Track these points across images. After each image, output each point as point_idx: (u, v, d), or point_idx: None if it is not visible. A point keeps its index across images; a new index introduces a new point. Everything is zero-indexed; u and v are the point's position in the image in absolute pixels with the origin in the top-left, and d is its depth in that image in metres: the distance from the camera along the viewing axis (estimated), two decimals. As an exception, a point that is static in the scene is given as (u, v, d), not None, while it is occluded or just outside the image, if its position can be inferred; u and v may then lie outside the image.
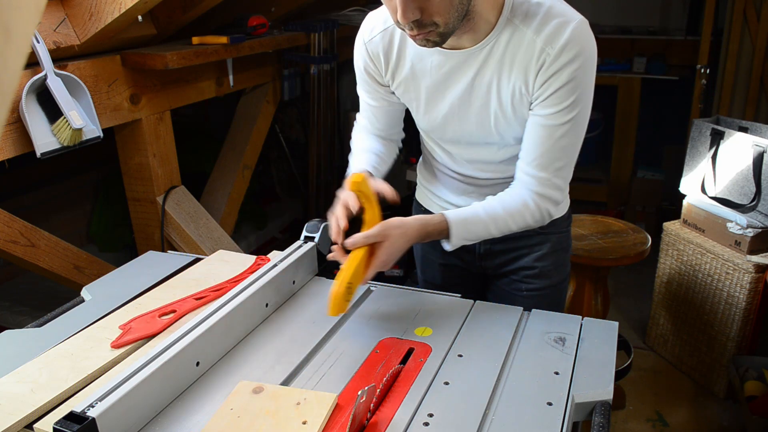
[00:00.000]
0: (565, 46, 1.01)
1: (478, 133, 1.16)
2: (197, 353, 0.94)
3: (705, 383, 2.38)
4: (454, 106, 1.14)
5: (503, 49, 1.05)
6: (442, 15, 0.96)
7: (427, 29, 0.97)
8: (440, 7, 0.95)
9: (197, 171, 2.91)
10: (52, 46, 1.66)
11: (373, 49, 1.16)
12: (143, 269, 1.32)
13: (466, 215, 1.12)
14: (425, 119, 1.20)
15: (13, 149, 1.59)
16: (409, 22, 0.95)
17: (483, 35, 1.05)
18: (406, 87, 1.18)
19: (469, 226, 1.11)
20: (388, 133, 1.33)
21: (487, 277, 1.40)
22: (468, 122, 1.15)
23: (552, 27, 1.01)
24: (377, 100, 1.26)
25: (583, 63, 1.02)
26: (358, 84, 1.26)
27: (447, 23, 0.97)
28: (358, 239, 1.04)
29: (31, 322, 1.13)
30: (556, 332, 1.05)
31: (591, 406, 0.89)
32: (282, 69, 2.75)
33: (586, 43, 1.02)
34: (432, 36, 0.99)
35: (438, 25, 0.97)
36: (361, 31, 1.19)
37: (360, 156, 1.28)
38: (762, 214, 2.13)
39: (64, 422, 0.76)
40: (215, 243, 2.15)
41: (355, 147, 1.32)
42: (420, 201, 1.43)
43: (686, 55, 3.46)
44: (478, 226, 1.12)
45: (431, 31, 0.98)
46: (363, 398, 0.80)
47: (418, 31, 0.98)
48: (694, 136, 2.38)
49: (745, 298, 2.16)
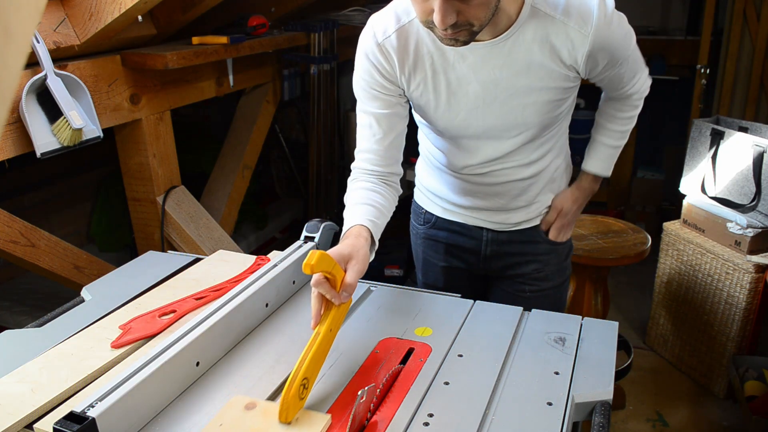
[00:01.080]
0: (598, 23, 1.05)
1: (502, 124, 1.15)
2: (197, 353, 0.94)
3: (705, 383, 2.38)
4: (479, 99, 1.12)
5: (531, 37, 1.06)
6: (478, 18, 0.96)
7: (461, 29, 0.97)
8: (478, 11, 0.95)
9: (197, 171, 2.91)
10: (52, 46, 1.66)
11: (389, 48, 1.12)
12: (143, 269, 1.32)
13: (604, 157, 1.36)
14: (444, 117, 1.16)
15: (13, 149, 1.59)
16: (447, 26, 0.95)
17: (504, 28, 1.06)
18: (425, 86, 1.14)
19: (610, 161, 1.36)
20: (389, 161, 1.19)
21: (490, 279, 1.40)
22: (492, 115, 1.14)
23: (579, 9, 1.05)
24: (384, 106, 1.16)
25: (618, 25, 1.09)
26: (362, 92, 1.17)
27: (482, 24, 0.98)
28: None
29: (31, 322, 1.13)
30: (556, 332, 1.05)
31: (591, 406, 0.89)
32: (282, 69, 2.75)
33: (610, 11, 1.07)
34: (462, 36, 0.99)
35: (473, 25, 0.97)
36: (371, 32, 1.14)
37: (354, 210, 1.12)
38: (762, 214, 2.13)
39: (64, 422, 0.76)
40: (215, 243, 2.15)
41: (349, 200, 1.15)
42: (419, 202, 1.42)
43: (686, 55, 3.45)
44: (614, 152, 1.36)
45: (463, 31, 0.98)
46: (363, 398, 0.80)
47: (453, 30, 0.97)
48: (694, 136, 2.38)
49: (745, 298, 2.16)
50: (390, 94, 1.16)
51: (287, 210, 3.58)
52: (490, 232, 1.32)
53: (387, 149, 1.18)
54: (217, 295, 1.15)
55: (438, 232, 1.37)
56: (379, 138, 1.17)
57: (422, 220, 1.40)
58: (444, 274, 1.40)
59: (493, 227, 1.31)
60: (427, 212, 1.38)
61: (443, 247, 1.38)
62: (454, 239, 1.35)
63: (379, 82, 1.15)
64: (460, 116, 1.15)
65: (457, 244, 1.35)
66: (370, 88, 1.16)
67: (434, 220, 1.37)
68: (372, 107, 1.17)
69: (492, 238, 1.32)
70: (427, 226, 1.39)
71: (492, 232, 1.31)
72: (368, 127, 1.18)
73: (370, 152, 1.18)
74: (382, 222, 1.13)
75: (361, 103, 1.19)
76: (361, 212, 1.10)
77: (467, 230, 1.33)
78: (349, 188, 1.19)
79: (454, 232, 1.35)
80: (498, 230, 1.31)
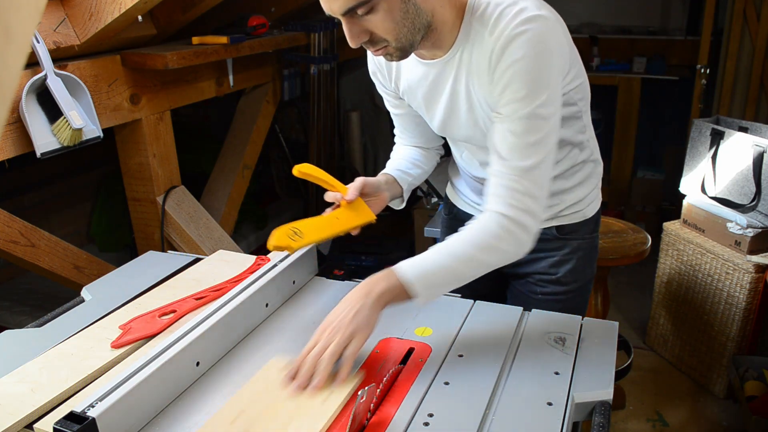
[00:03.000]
0: (510, 39, 0.95)
1: (477, 136, 1.15)
2: (197, 353, 0.94)
3: (705, 383, 2.38)
4: (447, 113, 1.14)
5: (469, 54, 1.05)
6: (389, 33, 0.96)
7: (381, 45, 0.99)
8: (383, 28, 0.95)
9: (197, 171, 2.91)
10: (52, 46, 1.66)
11: (378, 60, 1.20)
12: (143, 269, 1.32)
13: (424, 265, 0.96)
14: (432, 125, 1.21)
15: (13, 149, 1.59)
16: (359, 45, 0.97)
17: (452, 42, 1.05)
18: (410, 94, 1.19)
19: (430, 277, 0.96)
20: (424, 141, 1.33)
21: (503, 275, 1.40)
22: (462, 127, 1.15)
23: (503, 23, 0.97)
24: (397, 107, 1.28)
25: (531, 53, 0.95)
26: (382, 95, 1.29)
27: (398, 39, 0.97)
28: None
29: (31, 322, 1.13)
30: (556, 332, 1.05)
31: (591, 406, 0.89)
32: (282, 69, 2.75)
33: (535, 34, 0.95)
34: (390, 50, 1.00)
35: (389, 41, 0.97)
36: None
37: (391, 163, 1.30)
38: (762, 214, 2.13)
39: (64, 422, 0.76)
40: (215, 243, 2.15)
41: (391, 156, 1.34)
42: (448, 194, 1.46)
43: (686, 55, 3.46)
44: (443, 272, 0.96)
45: (386, 47, 0.99)
46: (363, 398, 0.80)
47: (373, 48, 1.00)
48: (694, 136, 2.38)
49: (745, 298, 2.16)
50: (395, 98, 1.25)
51: (287, 210, 3.58)
52: None
53: (414, 137, 1.33)
54: (217, 295, 1.15)
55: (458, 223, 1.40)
56: (401, 130, 1.33)
57: (448, 210, 1.46)
58: None
59: None
60: (452, 204, 1.43)
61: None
62: None
63: (384, 90, 1.26)
64: (440, 123, 1.18)
65: None
66: (381, 91, 1.27)
67: (455, 211, 1.41)
68: (389, 107, 1.29)
69: None
70: (449, 217, 1.45)
71: None
72: (394, 120, 1.33)
73: (401, 137, 1.35)
74: (414, 171, 1.28)
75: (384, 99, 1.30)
76: (391, 166, 1.28)
77: None
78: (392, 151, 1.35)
79: None
80: None
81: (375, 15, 0.94)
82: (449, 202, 1.44)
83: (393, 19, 0.95)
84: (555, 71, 0.99)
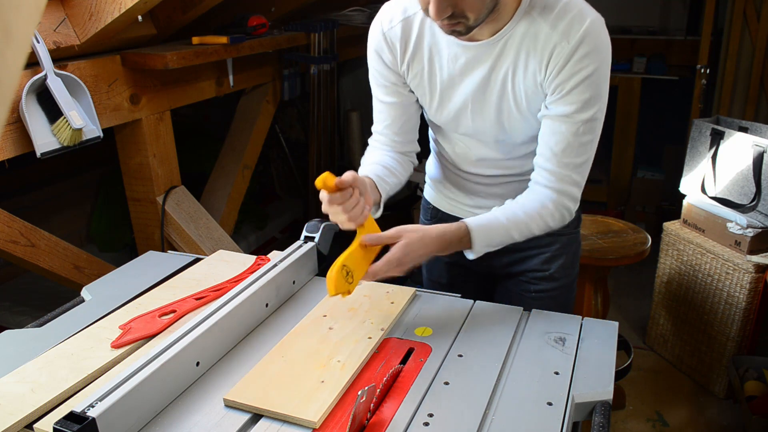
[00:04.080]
0: (581, 42, 1.01)
1: (491, 129, 1.15)
2: (197, 353, 0.94)
3: (705, 383, 2.38)
4: (468, 101, 1.13)
5: (519, 41, 1.05)
6: (474, 11, 0.97)
7: (457, 20, 0.99)
8: (472, 5, 0.96)
9: (197, 171, 2.91)
10: (52, 46, 1.66)
11: (392, 38, 1.15)
12: (143, 269, 1.32)
13: (487, 221, 1.08)
14: (438, 113, 1.19)
15: (13, 149, 1.59)
16: (442, 18, 0.97)
17: (501, 26, 1.05)
18: (420, 79, 1.17)
19: (491, 232, 1.07)
20: (404, 140, 1.26)
21: (495, 276, 1.40)
22: (482, 117, 1.14)
23: (567, 21, 1.01)
24: (391, 94, 1.21)
25: (599, 59, 1.02)
26: (372, 80, 1.23)
27: (477, 18, 0.99)
28: (373, 238, 1.03)
29: (31, 322, 1.13)
30: (556, 332, 1.05)
31: (591, 406, 0.89)
32: (282, 69, 2.75)
33: (601, 39, 1.02)
34: (460, 27, 1.00)
35: (468, 18, 0.98)
36: (378, 20, 1.17)
37: (364, 168, 1.20)
38: (762, 214, 2.13)
39: (64, 422, 0.76)
40: (215, 243, 2.15)
41: (363, 162, 1.25)
42: (427, 197, 1.43)
43: (686, 55, 3.46)
44: (500, 231, 1.08)
45: (460, 23, 0.99)
46: (363, 398, 0.80)
47: (448, 22, 0.99)
48: (694, 136, 2.38)
49: (745, 298, 2.16)
50: (395, 83, 1.20)
51: (287, 210, 3.58)
52: None
53: (397, 133, 1.25)
54: (217, 295, 1.15)
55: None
56: (388, 123, 1.24)
57: (429, 214, 1.42)
58: (448, 270, 1.40)
59: None
60: (433, 207, 1.40)
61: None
62: None
63: (384, 74, 1.20)
64: (450, 114, 1.17)
65: None
66: (377, 74, 1.21)
67: (440, 215, 1.38)
68: (380, 95, 1.23)
69: None
70: (432, 221, 1.41)
71: None
72: (379, 112, 1.25)
73: (382, 135, 1.26)
74: (391, 180, 1.20)
75: (372, 89, 1.25)
76: (367, 170, 1.18)
77: None
78: (363, 157, 1.27)
79: None
80: None
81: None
82: (431, 206, 1.41)
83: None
84: (608, 74, 1.07)
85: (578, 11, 1.02)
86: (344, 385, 0.90)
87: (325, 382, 0.90)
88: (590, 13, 1.03)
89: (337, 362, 0.95)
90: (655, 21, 3.67)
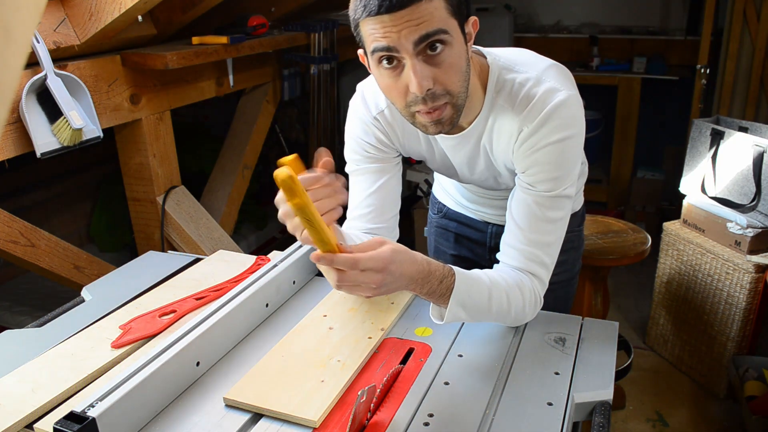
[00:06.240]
0: (542, 124, 0.97)
1: (487, 182, 1.19)
2: (197, 353, 0.94)
3: (705, 383, 2.38)
4: (463, 167, 1.15)
5: (490, 129, 1.05)
6: (454, 83, 0.92)
7: (442, 101, 0.92)
8: (451, 75, 0.91)
9: (197, 171, 2.91)
10: (52, 46, 1.66)
11: (383, 122, 1.12)
12: (143, 269, 1.32)
13: (470, 273, 0.99)
14: (439, 169, 1.22)
15: (13, 149, 1.59)
16: (425, 92, 0.89)
17: (474, 114, 1.04)
18: (420, 151, 1.17)
19: (473, 284, 0.97)
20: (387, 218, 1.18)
21: None
22: (477, 177, 1.17)
23: (531, 105, 0.97)
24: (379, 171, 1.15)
25: (565, 138, 0.97)
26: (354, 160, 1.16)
27: (459, 93, 0.93)
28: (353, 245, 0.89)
29: (31, 322, 1.13)
30: (556, 332, 1.05)
31: (591, 406, 0.89)
32: (282, 69, 2.75)
33: (567, 119, 0.97)
34: (447, 111, 0.94)
35: (451, 95, 0.93)
36: (361, 107, 1.12)
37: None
38: (762, 214, 2.13)
39: (64, 422, 0.76)
40: (215, 243, 2.15)
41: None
42: (435, 194, 1.48)
43: (686, 55, 3.46)
44: (481, 288, 0.97)
45: (446, 104, 0.93)
46: (363, 398, 0.80)
47: (432, 104, 0.92)
48: (694, 136, 2.38)
49: (745, 298, 2.16)
50: (387, 155, 1.16)
51: (287, 210, 3.57)
52: (495, 226, 1.36)
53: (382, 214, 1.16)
54: (217, 295, 1.15)
55: (449, 222, 1.45)
56: (370, 192, 1.15)
57: (436, 209, 1.48)
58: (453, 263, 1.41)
59: (498, 222, 1.35)
60: (440, 203, 1.45)
61: (453, 236, 1.44)
62: (462, 230, 1.42)
63: (372, 152, 1.15)
64: (451, 172, 1.19)
65: (465, 234, 1.42)
66: (365, 157, 1.15)
67: (445, 210, 1.44)
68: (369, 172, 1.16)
69: (497, 231, 1.35)
70: (439, 216, 1.47)
71: (497, 226, 1.36)
72: (366, 199, 1.15)
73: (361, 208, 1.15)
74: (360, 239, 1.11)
75: (351, 163, 1.17)
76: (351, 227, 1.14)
77: (474, 223, 1.39)
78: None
79: (463, 224, 1.42)
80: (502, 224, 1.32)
81: (449, 50, 0.89)
82: (438, 202, 1.46)
83: (460, 69, 0.91)
84: (581, 150, 1.03)
85: (544, 92, 0.97)
86: (344, 385, 0.90)
87: (325, 381, 0.90)
88: (558, 93, 0.97)
89: (337, 362, 0.95)
90: (655, 21, 3.67)
